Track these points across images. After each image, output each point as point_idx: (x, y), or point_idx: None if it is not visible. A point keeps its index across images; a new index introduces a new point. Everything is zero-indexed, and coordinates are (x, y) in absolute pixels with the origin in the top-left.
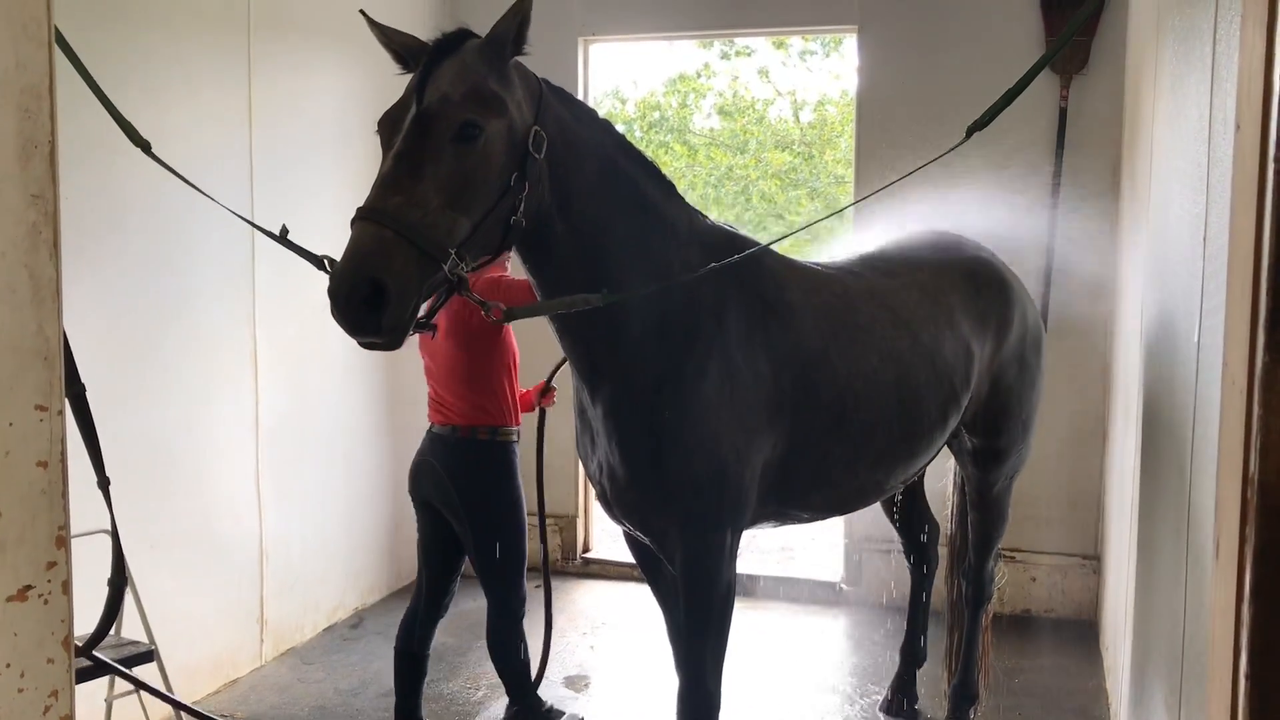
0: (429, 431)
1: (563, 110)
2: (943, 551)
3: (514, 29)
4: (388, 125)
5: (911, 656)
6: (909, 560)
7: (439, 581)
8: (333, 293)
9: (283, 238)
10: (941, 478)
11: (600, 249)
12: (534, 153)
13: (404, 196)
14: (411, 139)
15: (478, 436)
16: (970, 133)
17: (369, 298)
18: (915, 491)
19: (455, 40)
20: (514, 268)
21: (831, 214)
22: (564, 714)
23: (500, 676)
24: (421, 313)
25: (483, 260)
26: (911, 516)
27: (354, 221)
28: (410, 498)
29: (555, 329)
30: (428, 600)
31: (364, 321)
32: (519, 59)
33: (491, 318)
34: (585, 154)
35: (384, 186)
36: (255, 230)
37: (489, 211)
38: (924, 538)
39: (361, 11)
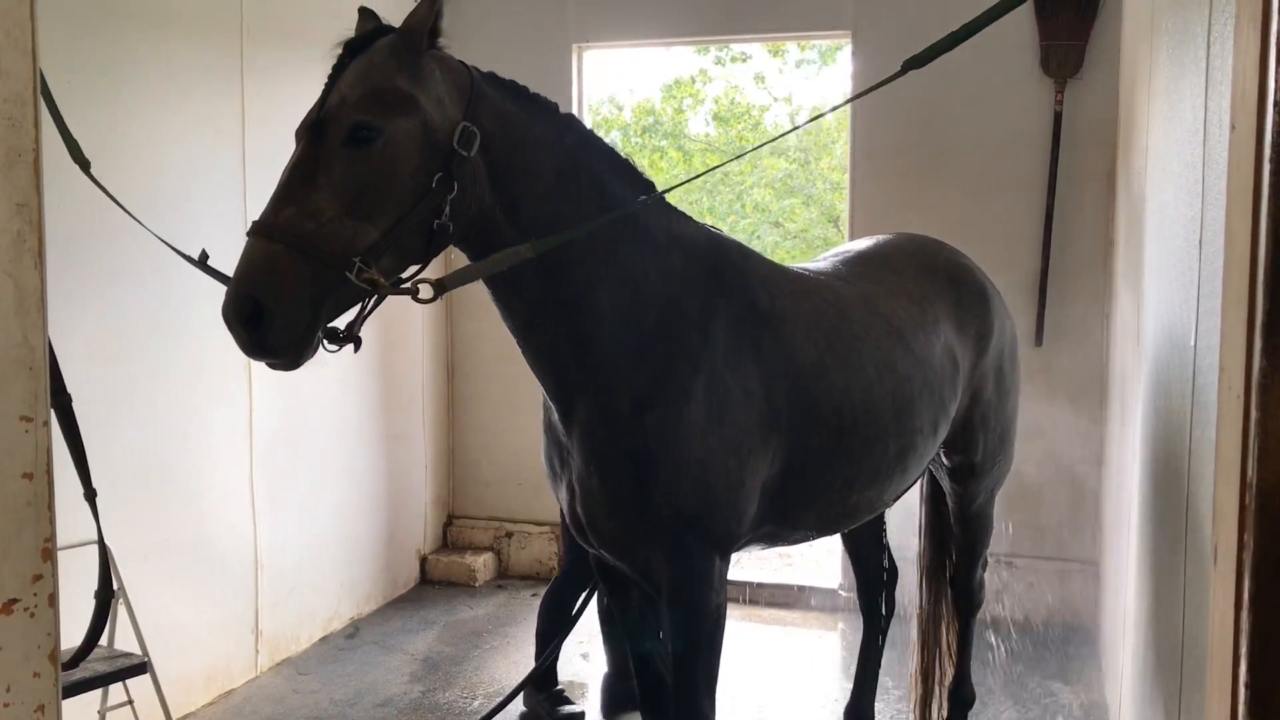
0: None
1: (509, 105)
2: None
3: (429, 20)
4: (300, 134)
5: None
6: (862, 607)
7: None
8: (222, 313)
9: (202, 263)
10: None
11: (556, 257)
12: (461, 150)
13: (296, 208)
14: (305, 148)
15: None
16: (906, 68)
17: (249, 318)
18: (876, 526)
19: (369, 39)
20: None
21: (715, 168)
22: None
23: (537, 633)
24: (341, 324)
25: (414, 271)
26: (870, 555)
27: (246, 237)
28: None
29: (519, 343)
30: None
31: (250, 342)
32: (439, 51)
33: (420, 299)
34: (538, 152)
35: (277, 199)
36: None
37: (402, 217)
38: (885, 577)
39: (362, 8)
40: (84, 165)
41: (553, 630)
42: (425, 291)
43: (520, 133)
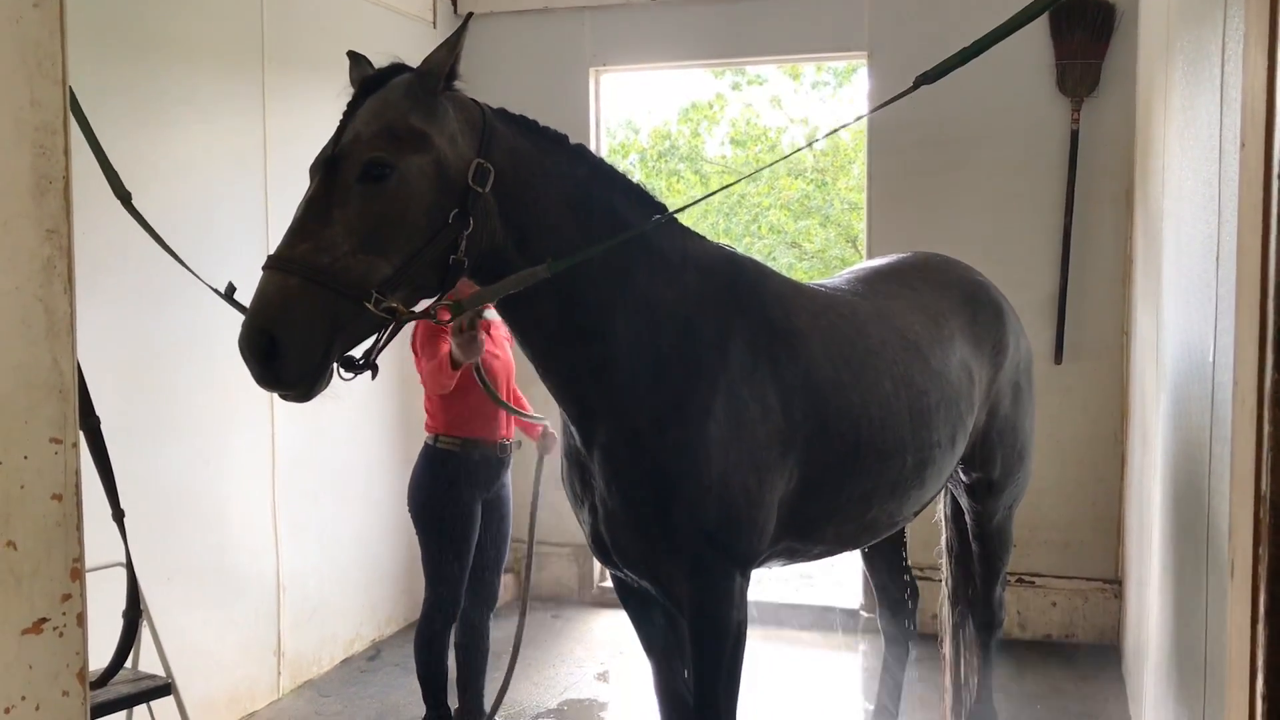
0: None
1: (519, 140)
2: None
3: (448, 63)
4: (314, 170)
5: None
6: (883, 627)
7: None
8: (238, 346)
9: (229, 296)
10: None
11: (572, 285)
12: (476, 187)
13: (312, 242)
14: (320, 183)
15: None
16: (918, 84)
17: (265, 351)
18: (897, 544)
19: (384, 76)
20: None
21: (711, 193)
22: None
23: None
24: (360, 353)
25: (434, 302)
26: (891, 574)
27: (262, 270)
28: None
29: (538, 370)
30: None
31: (264, 375)
32: (452, 90)
33: (438, 319)
34: (548, 185)
35: (292, 234)
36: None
37: (417, 252)
38: (907, 595)
39: (349, 52)
40: (125, 198)
41: (437, 673)
42: (444, 314)
43: (531, 167)
